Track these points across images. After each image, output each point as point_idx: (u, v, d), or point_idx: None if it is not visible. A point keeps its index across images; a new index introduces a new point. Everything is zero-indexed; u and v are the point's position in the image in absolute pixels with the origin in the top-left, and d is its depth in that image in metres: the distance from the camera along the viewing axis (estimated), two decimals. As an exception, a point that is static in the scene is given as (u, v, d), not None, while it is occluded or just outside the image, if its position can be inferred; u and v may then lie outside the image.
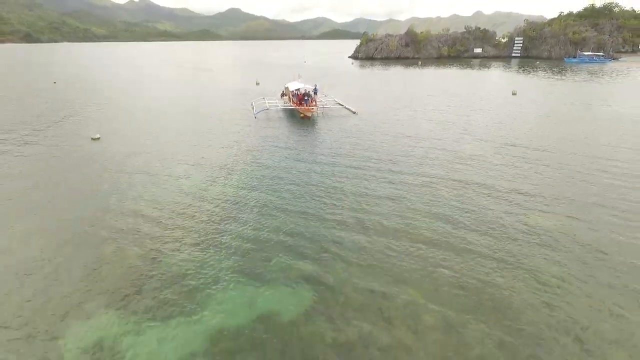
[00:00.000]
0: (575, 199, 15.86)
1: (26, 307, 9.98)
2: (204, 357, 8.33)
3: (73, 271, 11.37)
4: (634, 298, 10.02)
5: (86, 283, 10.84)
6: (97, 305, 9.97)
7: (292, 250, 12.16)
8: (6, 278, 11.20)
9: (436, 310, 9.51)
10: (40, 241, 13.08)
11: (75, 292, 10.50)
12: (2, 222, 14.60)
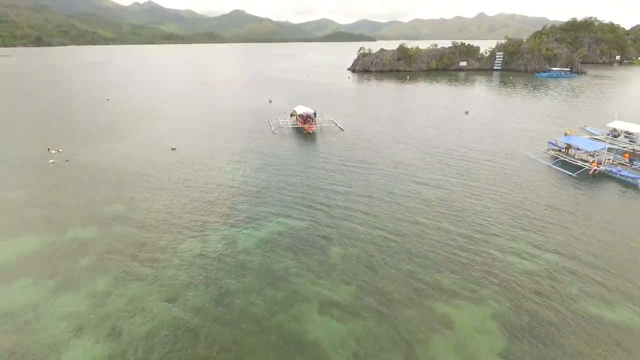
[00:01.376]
0: (462, 179, 29.78)
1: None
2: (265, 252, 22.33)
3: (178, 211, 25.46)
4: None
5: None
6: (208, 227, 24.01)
7: (298, 207, 26.23)
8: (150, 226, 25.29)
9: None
10: (169, 208, 27.27)
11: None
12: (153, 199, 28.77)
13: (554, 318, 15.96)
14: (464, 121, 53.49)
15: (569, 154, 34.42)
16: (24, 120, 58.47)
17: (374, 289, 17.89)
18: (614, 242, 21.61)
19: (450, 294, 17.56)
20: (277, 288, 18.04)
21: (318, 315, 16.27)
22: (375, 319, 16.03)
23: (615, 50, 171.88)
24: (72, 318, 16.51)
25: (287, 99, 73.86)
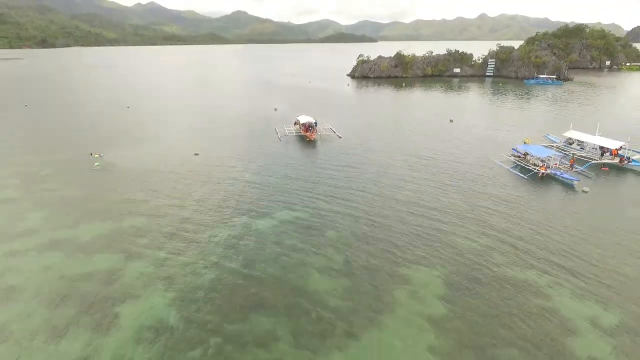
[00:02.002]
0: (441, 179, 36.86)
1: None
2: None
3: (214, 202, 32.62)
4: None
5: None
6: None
7: (301, 198, 33.36)
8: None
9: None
10: (192, 207, 34.44)
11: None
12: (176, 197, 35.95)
13: (482, 278, 23.06)
14: (448, 128, 60.61)
15: (526, 159, 41.46)
16: (59, 127, 65.88)
17: (357, 258, 25.04)
18: (543, 227, 28.67)
19: (412, 260, 24.70)
20: (287, 257, 25.22)
21: (317, 274, 23.44)
22: (357, 276, 23.19)
23: (605, 56, 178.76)
24: (143, 277, 23.65)
25: (291, 107, 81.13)
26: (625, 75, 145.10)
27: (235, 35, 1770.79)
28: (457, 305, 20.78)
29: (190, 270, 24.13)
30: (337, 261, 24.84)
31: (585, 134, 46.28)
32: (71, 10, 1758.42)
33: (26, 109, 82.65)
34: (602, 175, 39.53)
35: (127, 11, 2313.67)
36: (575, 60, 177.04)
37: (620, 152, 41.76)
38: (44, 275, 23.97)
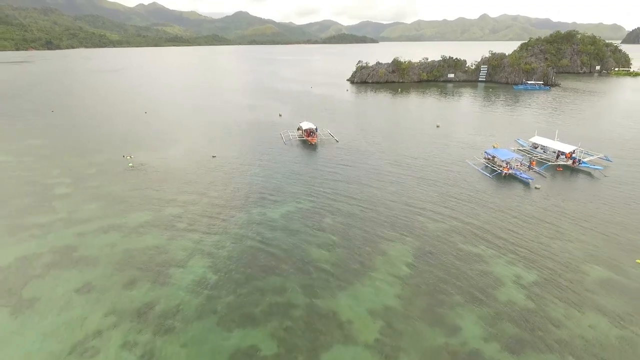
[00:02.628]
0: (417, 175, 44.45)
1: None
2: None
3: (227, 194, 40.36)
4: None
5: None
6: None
7: (304, 193, 41.05)
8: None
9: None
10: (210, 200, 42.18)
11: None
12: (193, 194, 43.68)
13: (441, 250, 30.68)
14: (433, 133, 68.23)
15: (494, 161, 49.00)
16: (90, 131, 73.81)
17: (347, 236, 32.70)
18: (496, 215, 36.27)
19: (389, 237, 32.36)
20: (294, 235, 32.93)
21: (316, 247, 31.14)
22: (346, 248, 30.85)
23: (595, 61, 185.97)
24: (184, 250, 31.33)
25: (294, 113, 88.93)
26: (612, 81, 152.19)
27: (237, 36, 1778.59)
28: (419, 268, 28.46)
29: (220, 245, 31.85)
30: (331, 238, 32.53)
31: (547, 139, 53.85)
32: (74, 11, 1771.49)
33: (54, 115, 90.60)
34: (557, 174, 47.11)
35: (129, 12, 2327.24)
36: (566, 65, 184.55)
37: (574, 155, 49.26)
38: (110, 249, 31.72)
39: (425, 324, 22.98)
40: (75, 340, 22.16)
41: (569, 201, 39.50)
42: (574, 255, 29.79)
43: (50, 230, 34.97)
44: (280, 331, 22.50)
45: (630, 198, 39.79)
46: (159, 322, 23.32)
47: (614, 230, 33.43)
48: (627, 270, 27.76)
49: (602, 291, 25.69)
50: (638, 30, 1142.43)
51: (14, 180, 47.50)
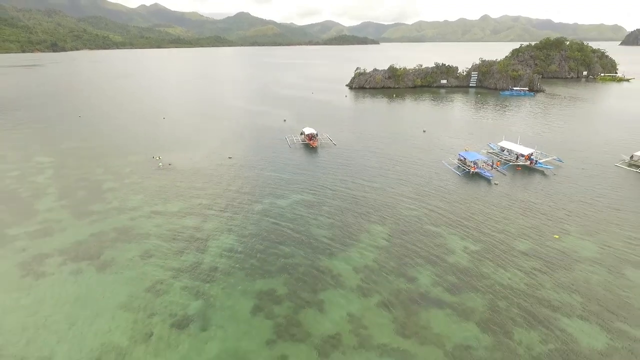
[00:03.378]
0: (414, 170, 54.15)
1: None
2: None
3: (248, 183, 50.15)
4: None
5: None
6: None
7: (300, 188, 50.82)
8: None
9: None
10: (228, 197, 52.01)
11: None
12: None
13: (411, 229, 40.37)
14: (418, 137, 77.98)
15: (465, 162, 58.64)
16: (118, 135, 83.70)
17: (339, 219, 42.40)
18: (460, 204, 45.93)
19: (372, 220, 42.06)
20: (298, 218, 42.69)
21: (316, 227, 40.89)
22: (338, 227, 40.55)
23: (583, 66, 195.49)
24: (216, 229, 41.03)
25: (297, 118, 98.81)
26: (595, 87, 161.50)
27: (239, 37, 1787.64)
28: (393, 241, 38.18)
29: (243, 226, 41.61)
30: (328, 220, 42.28)
31: (512, 143, 63.54)
32: (77, 12, 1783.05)
33: (82, 120, 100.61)
34: (517, 173, 56.75)
35: (131, 13, 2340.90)
36: (555, 70, 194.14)
37: (532, 156, 58.87)
38: (158, 229, 41.50)
39: (393, 276, 32.68)
40: (147, 286, 31.91)
41: (519, 194, 49.19)
42: (511, 233, 39.47)
43: (108, 215, 44.80)
44: (290, 280, 32.26)
45: (571, 192, 49.46)
46: (205, 275, 33.09)
47: (550, 215, 43.14)
48: (546, 243, 37.46)
49: (523, 257, 35.38)
50: (637, 32, 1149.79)
51: (67, 177, 57.37)
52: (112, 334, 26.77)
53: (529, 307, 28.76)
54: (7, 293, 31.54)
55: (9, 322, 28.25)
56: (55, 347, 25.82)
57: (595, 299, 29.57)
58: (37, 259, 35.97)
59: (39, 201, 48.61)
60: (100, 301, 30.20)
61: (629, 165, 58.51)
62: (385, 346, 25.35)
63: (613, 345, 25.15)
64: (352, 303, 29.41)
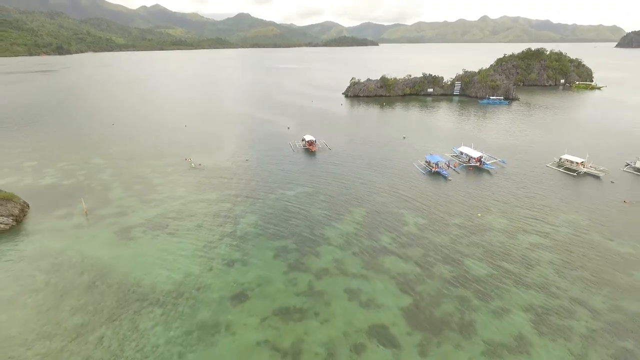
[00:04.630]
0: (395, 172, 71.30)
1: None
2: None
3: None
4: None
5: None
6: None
7: (302, 184, 68.06)
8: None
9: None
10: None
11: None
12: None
13: (382, 211, 57.56)
14: (399, 143, 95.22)
15: (429, 163, 75.71)
16: (152, 140, 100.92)
17: (332, 203, 59.62)
18: (421, 194, 63.14)
19: (355, 205, 59.25)
20: (301, 204, 59.92)
21: (315, 209, 58.13)
22: (331, 211, 57.79)
23: (560, 75, 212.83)
24: (244, 211, 58.23)
25: (299, 125, 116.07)
26: (568, 95, 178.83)
27: (239, 38, 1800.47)
28: (367, 219, 55.42)
29: (261, 209, 58.81)
30: (323, 205, 59.48)
31: (467, 147, 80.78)
32: (78, 14, 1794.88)
33: (115, 128, 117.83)
34: (469, 172, 73.90)
35: (131, 14, 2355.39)
36: (534, 78, 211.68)
37: (482, 159, 76.03)
38: (201, 210, 58.61)
39: (364, 239, 49.81)
40: (203, 244, 48.97)
41: (464, 187, 66.45)
42: (450, 213, 56.67)
43: (164, 202, 61.96)
44: (296, 240, 49.40)
45: (503, 185, 66.70)
46: (240, 238, 50.23)
47: (481, 202, 60.41)
48: (471, 219, 54.69)
49: (453, 227, 52.58)
50: (632, 35, 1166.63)
51: (124, 175, 74.55)
52: (189, 268, 43.85)
53: (449, 254, 45.95)
54: (113, 249, 48.61)
55: (120, 263, 45.32)
56: (154, 271, 42.87)
57: (491, 251, 46.79)
58: (125, 230, 53.15)
59: (110, 192, 65.81)
60: (176, 252, 47.33)
61: (557, 166, 75.74)
62: (355, 274, 42.46)
63: (493, 273, 42.29)
64: (337, 253, 46.60)
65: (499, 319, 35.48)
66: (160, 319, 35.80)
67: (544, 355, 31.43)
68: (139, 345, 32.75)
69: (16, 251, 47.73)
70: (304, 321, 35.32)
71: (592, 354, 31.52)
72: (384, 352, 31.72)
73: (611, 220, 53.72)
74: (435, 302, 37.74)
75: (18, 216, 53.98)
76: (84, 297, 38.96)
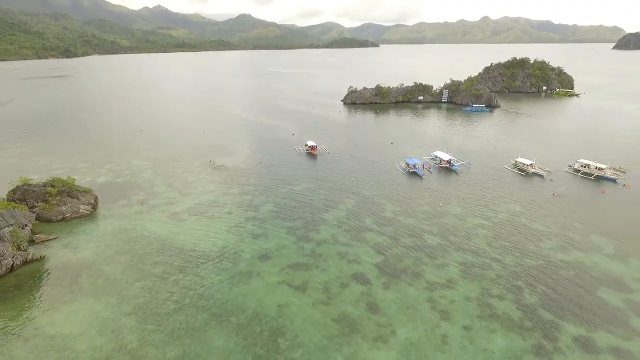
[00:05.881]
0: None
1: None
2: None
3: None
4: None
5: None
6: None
7: (302, 184, 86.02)
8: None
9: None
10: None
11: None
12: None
13: (366, 201, 75.41)
14: (386, 147, 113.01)
15: (408, 165, 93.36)
16: (179, 144, 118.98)
17: (329, 193, 77.52)
18: (399, 190, 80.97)
19: (346, 197, 77.18)
20: (305, 196, 77.89)
21: (316, 200, 76.09)
22: (330, 201, 75.72)
23: (542, 82, 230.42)
24: (262, 200, 76.22)
25: (301, 131, 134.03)
26: (547, 102, 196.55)
27: (241, 39, 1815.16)
28: (356, 207, 73.31)
29: (275, 198, 76.70)
30: (322, 197, 77.38)
31: (440, 151, 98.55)
32: (81, 15, 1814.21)
33: (144, 133, 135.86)
34: (440, 173, 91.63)
35: (134, 15, 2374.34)
36: (518, 86, 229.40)
37: (451, 161, 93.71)
38: (230, 200, 76.54)
39: (352, 220, 67.53)
40: (234, 224, 66.84)
41: (434, 184, 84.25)
42: (419, 203, 74.46)
43: (199, 195, 79.78)
44: (303, 222, 67.17)
45: (465, 182, 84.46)
46: (261, 220, 68.03)
47: (444, 194, 78.21)
48: (435, 207, 72.48)
49: (420, 213, 70.37)
50: (629, 36, 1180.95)
51: (163, 174, 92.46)
52: (226, 239, 61.54)
53: (413, 231, 63.69)
54: (169, 227, 66.27)
55: (177, 237, 63.00)
56: (203, 241, 60.59)
57: (444, 229, 64.53)
58: (175, 214, 70.99)
59: (155, 187, 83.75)
60: (215, 229, 65.10)
61: (512, 167, 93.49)
62: (344, 243, 60.18)
63: (441, 243, 60.07)
64: (332, 229, 64.40)
65: (439, 269, 53.29)
66: (212, 269, 53.68)
67: (464, 288, 49.14)
68: (201, 284, 50.56)
69: (100, 228, 65.74)
70: (308, 271, 53.17)
71: (494, 288, 49.26)
72: (360, 287, 49.54)
73: (539, 208, 71.57)
74: (398, 259, 55.58)
75: (94, 205, 71.91)
76: (158, 257, 56.89)
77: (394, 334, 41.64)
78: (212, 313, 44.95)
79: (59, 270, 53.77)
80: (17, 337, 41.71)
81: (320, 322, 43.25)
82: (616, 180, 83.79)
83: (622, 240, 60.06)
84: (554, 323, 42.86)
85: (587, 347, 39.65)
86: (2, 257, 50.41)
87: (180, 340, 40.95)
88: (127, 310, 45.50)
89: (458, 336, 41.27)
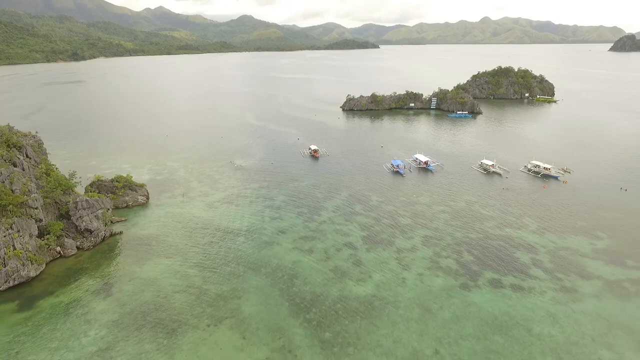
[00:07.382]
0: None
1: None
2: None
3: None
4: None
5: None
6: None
7: (305, 184, 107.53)
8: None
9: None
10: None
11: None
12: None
13: (357, 194, 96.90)
14: (376, 150, 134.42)
15: (393, 165, 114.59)
16: (202, 147, 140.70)
17: (328, 192, 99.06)
18: (383, 186, 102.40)
19: (341, 191, 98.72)
20: (309, 191, 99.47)
21: (318, 193, 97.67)
22: (328, 195, 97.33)
23: (525, 89, 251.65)
24: (278, 193, 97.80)
25: (305, 136, 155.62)
26: (527, 108, 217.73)
27: (243, 41, 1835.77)
28: (349, 200, 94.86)
29: (286, 191, 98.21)
30: (321, 190, 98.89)
31: (420, 154, 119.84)
32: (84, 17, 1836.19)
33: (169, 139, 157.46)
34: (419, 172, 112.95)
35: (136, 16, 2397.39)
36: (503, 93, 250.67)
37: (427, 162, 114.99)
38: (250, 193, 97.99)
39: (345, 207, 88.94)
40: (258, 210, 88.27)
41: (412, 181, 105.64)
42: (399, 194, 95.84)
43: (227, 189, 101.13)
44: (308, 209, 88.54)
45: (436, 180, 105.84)
46: (276, 208, 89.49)
47: (419, 189, 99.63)
48: (410, 198, 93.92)
49: (399, 203, 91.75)
50: (625, 39, 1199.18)
51: (194, 173, 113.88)
52: (251, 220, 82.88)
53: (391, 215, 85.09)
54: (207, 212, 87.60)
55: (214, 219, 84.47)
56: (234, 222, 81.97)
57: (414, 214, 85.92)
58: (210, 203, 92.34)
59: (190, 183, 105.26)
60: (242, 213, 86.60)
61: (478, 167, 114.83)
62: (339, 223, 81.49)
63: (411, 223, 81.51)
64: (330, 214, 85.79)
65: (406, 240, 74.65)
66: (244, 240, 75.09)
67: (421, 252, 70.33)
68: (238, 249, 71.94)
69: (156, 213, 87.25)
70: (313, 241, 74.60)
71: (443, 252, 70.53)
72: (349, 251, 70.90)
73: (489, 199, 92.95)
74: (378, 234, 76.96)
75: (147, 196, 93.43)
76: (204, 232, 78.35)
77: (371, 277, 63.06)
78: (248, 267, 66.43)
79: (135, 240, 75.41)
80: (122, 279, 63.28)
81: (321, 271, 64.72)
82: (557, 178, 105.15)
83: (546, 220, 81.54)
84: (478, 271, 64.27)
85: (496, 283, 61.06)
86: (98, 230, 72.04)
87: (229, 281, 62.48)
88: (191, 264, 67.09)
89: (413, 279, 62.69)
